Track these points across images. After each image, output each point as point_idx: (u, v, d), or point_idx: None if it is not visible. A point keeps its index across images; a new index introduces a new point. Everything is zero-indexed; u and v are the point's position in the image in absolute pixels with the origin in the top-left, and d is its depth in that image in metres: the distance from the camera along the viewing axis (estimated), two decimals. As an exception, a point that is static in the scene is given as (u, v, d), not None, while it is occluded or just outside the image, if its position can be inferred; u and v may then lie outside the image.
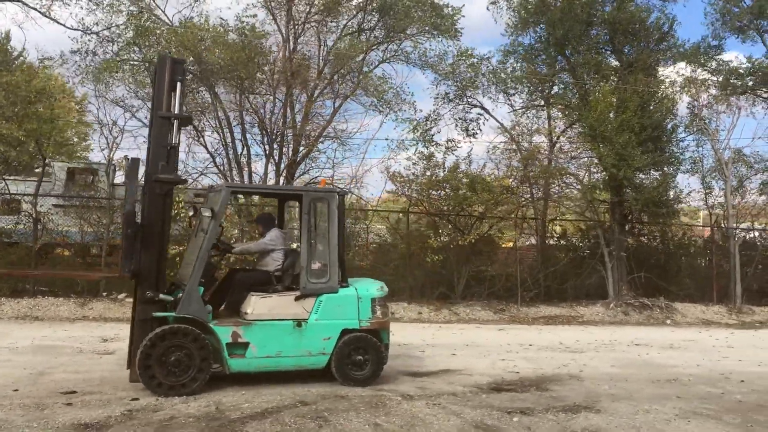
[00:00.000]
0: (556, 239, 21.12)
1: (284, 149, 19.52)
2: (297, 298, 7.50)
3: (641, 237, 20.11)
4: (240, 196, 16.56)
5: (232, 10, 34.65)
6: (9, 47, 27.05)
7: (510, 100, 21.35)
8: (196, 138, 19.15)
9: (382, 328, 7.84)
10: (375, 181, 75.45)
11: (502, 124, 21.21)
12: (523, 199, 19.40)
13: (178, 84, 7.30)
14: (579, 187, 19.28)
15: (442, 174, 17.81)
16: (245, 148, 19.31)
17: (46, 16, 17.52)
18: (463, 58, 20.14)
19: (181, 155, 30.14)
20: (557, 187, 19.96)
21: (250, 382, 7.41)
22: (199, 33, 16.86)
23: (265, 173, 19.05)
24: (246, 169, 19.43)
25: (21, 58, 24.67)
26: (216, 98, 18.89)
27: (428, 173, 17.83)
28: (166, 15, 19.20)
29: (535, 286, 17.97)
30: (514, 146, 19.91)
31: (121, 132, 18.18)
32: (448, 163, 18.29)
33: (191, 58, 17.07)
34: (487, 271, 18.38)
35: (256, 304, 7.40)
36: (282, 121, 19.49)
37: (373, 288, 7.95)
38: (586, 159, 19.28)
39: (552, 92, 20.87)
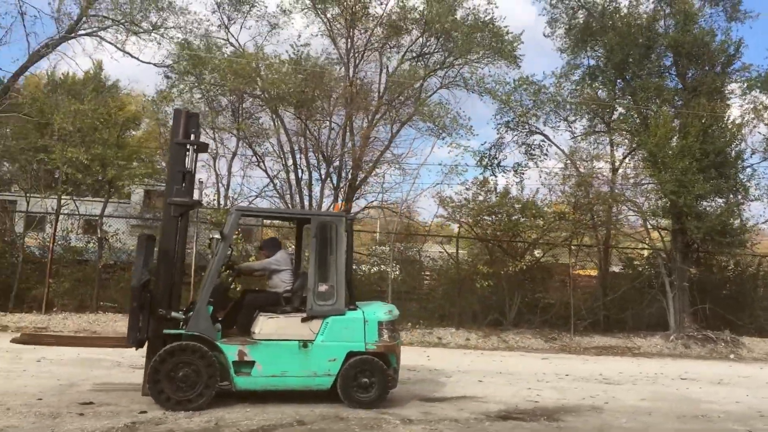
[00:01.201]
0: (620, 267, 20.56)
1: (342, 173, 19.99)
2: (303, 320, 7.70)
3: (708, 266, 19.22)
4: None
5: (291, 40, 35.53)
6: (102, 77, 29.21)
7: (571, 127, 21.09)
8: (256, 162, 19.90)
9: (390, 351, 7.90)
10: (428, 205, 75.52)
11: (562, 150, 20.96)
12: (581, 225, 18.96)
13: (192, 134, 7.75)
14: (639, 214, 18.70)
15: (494, 199, 17.71)
16: (304, 173, 19.86)
17: (120, 50, 18.82)
18: (524, 85, 20.05)
19: (237, 179, 31.26)
20: (616, 215, 19.43)
21: (260, 400, 7.65)
22: (255, 62, 17.54)
23: (321, 197, 19.53)
24: (306, 192, 19.99)
25: (108, 87, 26.53)
26: (280, 123, 19.57)
27: (480, 198, 17.76)
28: (237, 41, 20.17)
29: (590, 315, 17.51)
30: (570, 172, 19.56)
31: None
32: (500, 189, 18.18)
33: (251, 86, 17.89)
34: (541, 298, 18.12)
35: (264, 324, 7.67)
36: (341, 146, 19.97)
37: (381, 311, 8.06)
38: (647, 186, 18.68)
39: (613, 117, 20.47)
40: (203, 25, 19.35)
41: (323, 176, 19.67)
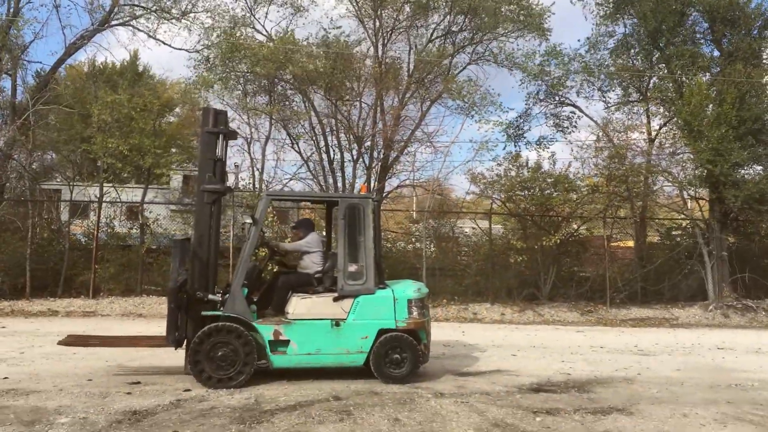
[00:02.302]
0: (656, 238, 20.40)
1: (374, 153, 20.15)
2: (335, 299, 7.97)
3: (747, 235, 18.93)
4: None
5: (322, 22, 35.57)
6: (138, 65, 29.80)
7: (604, 97, 20.85)
8: (290, 145, 20.19)
9: (419, 327, 8.12)
10: (460, 182, 75.14)
11: (595, 122, 20.76)
12: (616, 197, 18.82)
13: (221, 135, 7.99)
14: (675, 184, 18.50)
15: (526, 174, 17.69)
16: (336, 154, 20.07)
17: (152, 38, 19.21)
18: (552, 56, 19.87)
19: (272, 162, 31.65)
20: (652, 186, 19.23)
21: (297, 377, 7.95)
22: (286, 46, 17.72)
23: (353, 177, 19.74)
24: (339, 173, 20.22)
25: (142, 75, 27.07)
26: (310, 105, 19.78)
27: (512, 173, 17.76)
28: (264, 28, 20.42)
29: (627, 287, 17.47)
30: (603, 144, 19.38)
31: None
32: (532, 163, 18.15)
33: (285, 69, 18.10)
34: (577, 271, 18.13)
35: (297, 304, 7.96)
36: (372, 126, 20.10)
37: (410, 290, 8.26)
38: (683, 155, 18.43)
39: (648, 86, 20.17)
40: (229, 12, 19.64)
41: (355, 157, 19.86)
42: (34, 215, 16.53)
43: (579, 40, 39.71)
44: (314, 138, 20.00)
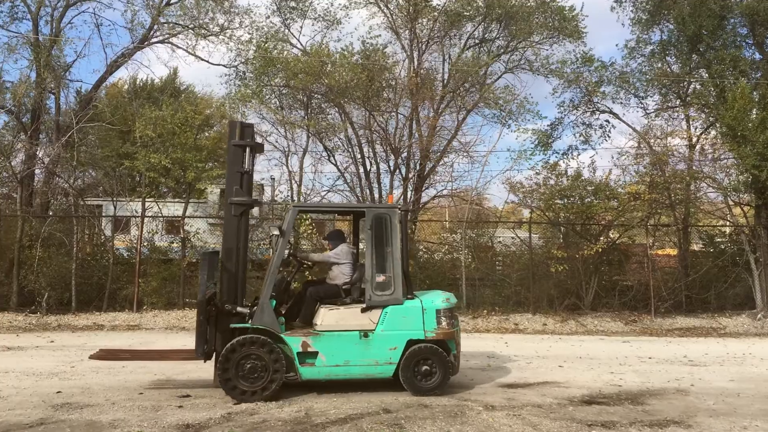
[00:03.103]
0: (700, 246, 19.97)
1: (410, 164, 20.14)
2: (363, 310, 7.91)
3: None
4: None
5: (357, 32, 35.65)
6: (177, 81, 30.32)
7: (642, 103, 20.56)
8: (327, 157, 20.30)
9: (449, 338, 8.03)
10: (498, 191, 74.59)
11: (633, 128, 20.47)
12: (658, 204, 18.48)
13: (248, 148, 8.06)
14: (719, 191, 18.10)
15: (565, 182, 17.50)
16: (372, 165, 20.10)
17: (191, 55, 19.50)
18: (587, 63, 19.68)
19: (309, 174, 31.91)
20: (695, 192, 18.86)
21: (345, 389, 7.95)
22: (321, 59, 17.86)
23: (391, 188, 19.74)
24: (375, 184, 20.25)
25: (182, 91, 27.52)
26: (346, 117, 19.88)
27: (551, 182, 17.58)
28: (299, 42, 20.64)
29: (672, 296, 17.11)
30: (643, 150, 19.08)
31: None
32: (571, 171, 17.93)
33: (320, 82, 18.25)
34: (619, 280, 17.83)
35: (325, 316, 7.92)
36: (408, 136, 20.11)
37: (439, 300, 8.19)
38: (726, 161, 18.05)
39: (688, 91, 19.83)
40: (265, 27, 19.91)
41: (392, 168, 19.87)
42: (79, 231, 16.81)
43: (616, 45, 39.09)
44: (350, 150, 20.09)
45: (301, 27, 20.72)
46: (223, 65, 20.51)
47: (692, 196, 18.95)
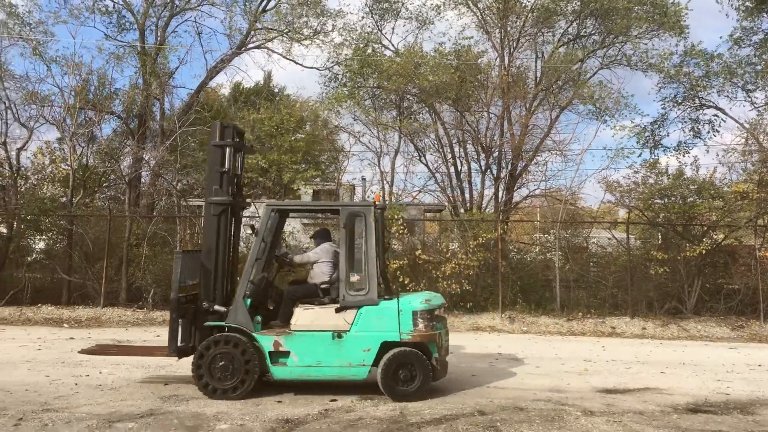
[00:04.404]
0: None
1: (502, 163, 19.92)
2: (337, 310, 7.71)
3: None
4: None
5: (450, 32, 35.50)
6: (272, 85, 31.27)
7: (749, 97, 19.45)
8: (418, 157, 20.38)
9: (428, 340, 7.71)
10: (594, 191, 71.91)
11: (741, 124, 19.41)
12: (766, 204, 17.45)
13: (227, 148, 8.09)
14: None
15: (666, 181, 16.81)
16: (463, 165, 20.02)
17: (286, 59, 20.05)
18: (691, 56, 18.82)
19: (401, 175, 32.28)
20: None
21: (439, 391, 7.95)
22: (414, 60, 17.94)
23: (482, 188, 19.58)
24: (466, 184, 20.15)
25: (278, 94, 28.33)
26: (437, 117, 19.91)
27: (650, 181, 16.93)
28: (391, 43, 20.87)
29: (783, 301, 16.10)
30: (752, 147, 18.07)
31: (347, 156, 19.97)
32: (672, 170, 17.22)
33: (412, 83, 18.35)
34: (724, 283, 16.94)
35: (300, 316, 7.80)
36: (500, 135, 19.90)
37: (417, 301, 7.85)
38: None
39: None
40: (357, 29, 20.21)
41: (483, 167, 19.71)
42: (182, 230, 17.59)
43: (721, 37, 37.09)
44: (441, 150, 20.09)
45: (393, 28, 20.95)
46: (316, 68, 21.07)
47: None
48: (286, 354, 7.69)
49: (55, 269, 16.88)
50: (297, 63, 20.76)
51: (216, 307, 7.80)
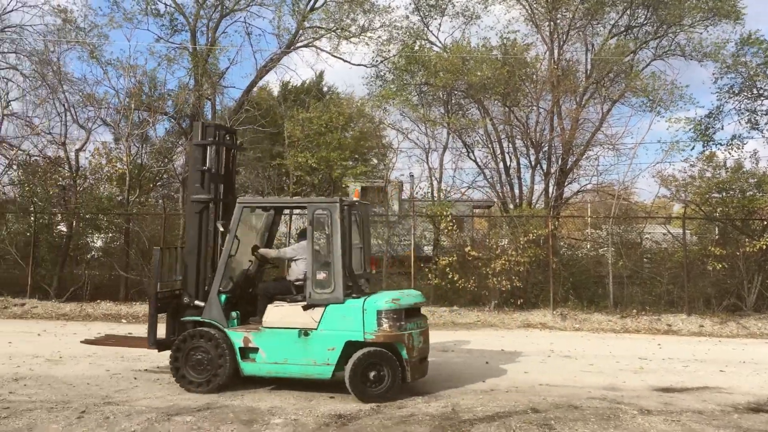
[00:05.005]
0: None
1: (552, 158, 19.65)
2: (305, 308, 7.61)
3: None
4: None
5: (497, 26, 35.09)
6: (322, 84, 31.52)
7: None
8: (466, 153, 20.26)
9: (394, 341, 7.42)
10: (648, 185, 69.89)
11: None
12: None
13: (208, 147, 8.19)
14: None
15: (724, 174, 16.32)
16: (512, 161, 19.82)
17: (334, 57, 20.20)
18: (748, 44, 18.20)
19: (449, 171, 32.06)
20: None
21: (491, 388, 7.92)
22: (462, 55, 17.85)
23: (532, 184, 19.36)
24: (515, 180, 19.95)
25: (327, 92, 28.60)
26: (485, 112, 19.76)
27: (707, 175, 16.46)
28: (438, 39, 20.80)
29: None
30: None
31: (395, 153, 20.01)
32: (730, 163, 16.70)
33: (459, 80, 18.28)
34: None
35: (270, 313, 7.76)
36: (549, 130, 19.63)
37: (383, 300, 7.57)
38: None
39: None
40: (404, 26, 20.23)
41: (533, 163, 19.49)
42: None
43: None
44: (490, 145, 19.93)
45: (440, 24, 20.81)
46: (364, 65, 21.14)
47: None
48: (255, 350, 7.73)
49: (113, 266, 17.38)
50: (345, 60, 20.89)
51: (196, 302, 7.99)
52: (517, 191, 19.77)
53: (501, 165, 19.74)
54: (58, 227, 18.18)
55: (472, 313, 15.53)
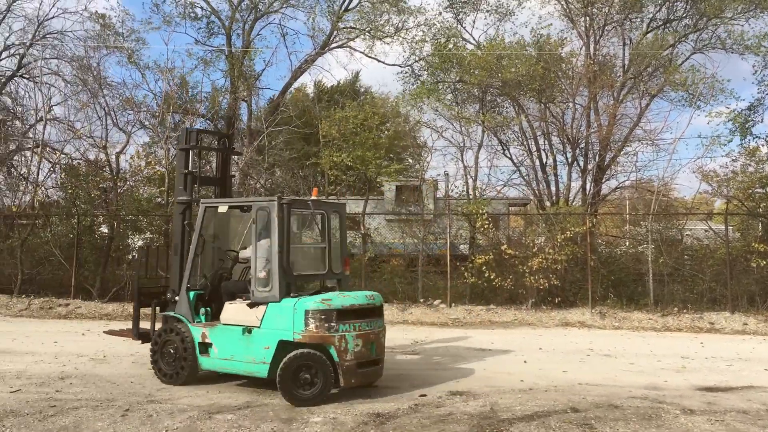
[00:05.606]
0: None
1: (589, 155, 19.41)
2: (250, 306, 7.61)
3: None
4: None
5: (529, 24, 34.75)
6: (358, 85, 31.64)
7: None
8: (502, 151, 20.13)
9: (323, 342, 7.16)
10: (688, 181, 68.18)
11: None
12: None
13: (191, 151, 8.79)
14: None
15: (767, 169, 15.94)
16: (548, 158, 19.65)
17: (368, 57, 20.26)
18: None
19: (484, 169, 31.67)
20: None
21: (529, 388, 7.86)
22: (496, 52, 17.75)
23: (568, 181, 19.15)
24: (552, 177, 19.76)
25: (362, 92, 28.71)
26: (520, 110, 19.62)
27: (750, 169, 16.09)
28: (472, 37, 20.72)
29: None
30: None
31: (430, 152, 19.98)
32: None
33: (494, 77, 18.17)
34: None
35: (226, 310, 7.89)
36: (586, 126, 19.40)
37: (313, 300, 7.33)
38: None
39: None
40: (437, 24, 20.18)
41: (569, 160, 19.28)
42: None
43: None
44: (525, 143, 19.78)
45: (474, 21, 20.74)
46: (398, 65, 21.14)
47: None
48: (210, 345, 7.92)
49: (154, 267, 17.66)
50: (379, 61, 20.97)
51: (176, 298, 8.31)
52: (553, 188, 19.60)
53: (537, 162, 19.62)
54: (100, 229, 18.59)
55: (509, 311, 15.44)
